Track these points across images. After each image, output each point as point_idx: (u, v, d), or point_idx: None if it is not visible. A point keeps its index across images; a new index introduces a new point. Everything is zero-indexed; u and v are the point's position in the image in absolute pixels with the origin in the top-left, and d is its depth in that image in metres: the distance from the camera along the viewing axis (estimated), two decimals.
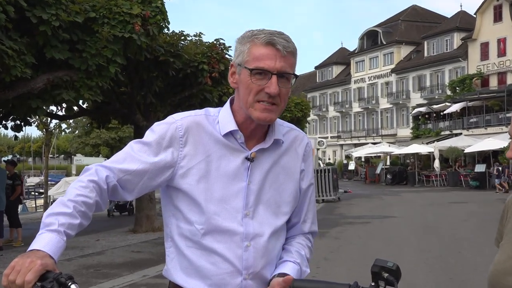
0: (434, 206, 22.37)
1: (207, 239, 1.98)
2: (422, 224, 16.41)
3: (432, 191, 32.69)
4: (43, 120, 25.89)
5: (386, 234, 14.31)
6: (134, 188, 2.01)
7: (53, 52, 11.43)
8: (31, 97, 11.98)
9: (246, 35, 1.98)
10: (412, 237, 13.67)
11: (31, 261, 1.63)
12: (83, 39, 11.94)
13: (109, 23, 11.94)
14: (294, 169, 2.13)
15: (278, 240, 2.09)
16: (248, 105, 1.95)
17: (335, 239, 13.42)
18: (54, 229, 1.75)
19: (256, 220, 2.02)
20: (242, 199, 2.00)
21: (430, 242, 12.64)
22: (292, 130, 2.15)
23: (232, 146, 2.02)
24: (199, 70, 14.89)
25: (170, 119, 2.05)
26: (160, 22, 12.64)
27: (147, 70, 14.61)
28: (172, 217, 2.06)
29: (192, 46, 15.25)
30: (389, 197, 28.68)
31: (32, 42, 11.24)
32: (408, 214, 19.73)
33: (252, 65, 1.93)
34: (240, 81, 1.97)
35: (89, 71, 11.98)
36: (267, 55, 1.93)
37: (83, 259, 11.68)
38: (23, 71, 10.66)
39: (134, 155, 1.99)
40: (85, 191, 1.88)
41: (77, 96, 12.35)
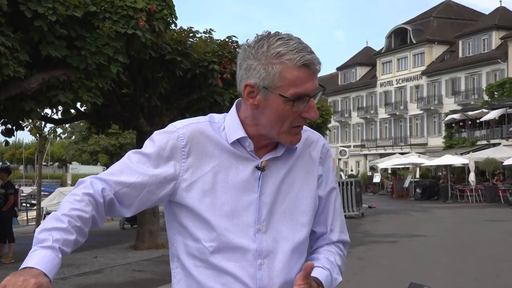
0: (469, 224, 22.21)
1: (217, 257, 1.96)
2: (456, 244, 16.31)
3: (467, 208, 32.45)
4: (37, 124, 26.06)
5: (415, 255, 14.23)
6: (132, 202, 2.00)
7: (49, 49, 11.49)
8: (24, 99, 12.04)
9: (270, 54, 1.89)
10: (444, 258, 13.57)
11: (24, 280, 1.62)
12: (82, 35, 11.99)
13: (111, 18, 11.99)
14: (310, 175, 2.11)
15: (297, 257, 2.06)
16: (282, 131, 1.94)
17: (359, 260, 13.35)
18: (48, 246, 1.74)
19: (270, 235, 2.00)
20: (253, 212, 1.99)
21: (465, 264, 12.55)
22: (305, 132, 2.11)
23: (241, 154, 2.01)
24: (209, 70, 14.91)
25: (171, 127, 2.03)
26: (166, 17, 12.68)
27: (152, 70, 14.66)
28: (178, 235, 2.05)
29: (201, 44, 15.29)
30: (419, 214, 28.50)
31: (26, 38, 11.31)
32: (440, 232, 19.59)
33: (288, 92, 1.88)
34: (267, 106, 1.92)
35: (89, 71, 12.03)
36: (304, 78, 1.89)
37: (79, 278, 11.71)
38: (16, 70, 10.72)
39: (132, 167, 1.99)
40: (80, 205, 1.86)
41: (75, 98, 12.41)
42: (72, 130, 61.22)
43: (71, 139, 68.34)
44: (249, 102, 1.95)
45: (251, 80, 1.92)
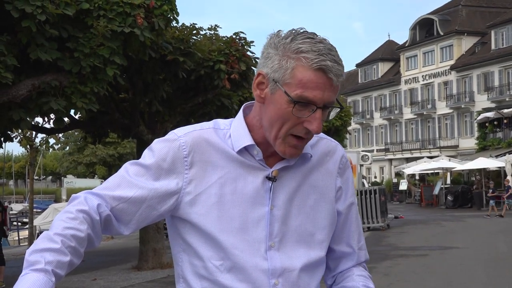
0: (507, 234, 22.12)
1: (227, 277, 1.96)
2: (493, 256, 16.24)
3: (505, 216, 32.30)
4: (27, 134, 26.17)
5: (448, 269, 14.18)
6: (131, 219, 1.99)
7: (38, 52, 11.53)
8: (13, 107, 12.08)
9: (291, 47, 1.88)
10: (480, 272, 13.52)
11: None
12: (74, 35, 12.03)
13: (106, 16, 12.01)
14: (328, 187, 2.10)
15: (313, 275, 2.06)
16: (277, 136, 1.91)
17: (385, 276, 13.33)
18: (41, 268, 1.72)
19: (284, 252, 1.99)
20: (264, 227, 1.98)
21: (503, 278, 12.51)
22: (322, 140, 2.12)
23: (249, 163, 2.00)
24: (215, 71, 14.94)
25: (172, 135, 2.02)
26: (167, 14, 12.72)
27: (152, 72, 14.70)
28: (183, 253, 2.05)
29: (206, 42, 15.33)
30: (451, 223, 28.41)
31: (14, 41, 11.37)
32: (475, 244, 19.52)
33: (294, 92, 1.85)
34: (272, 101, 1.91)
35: (83, 75, 12.07)
36: (316, 83, 1.85)
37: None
38: (2, 76, 10.78)
39: (130, 180, 1.98)
40: (74, 223, 1.85)
41: (68, 105, 12.44)
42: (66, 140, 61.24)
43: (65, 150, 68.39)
44: (256, 93, 1.95)
45: (264, 69, 1.92)
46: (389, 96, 72.18)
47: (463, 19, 63.08)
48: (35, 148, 29.54)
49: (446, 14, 65.45)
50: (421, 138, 67.03)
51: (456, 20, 63.34)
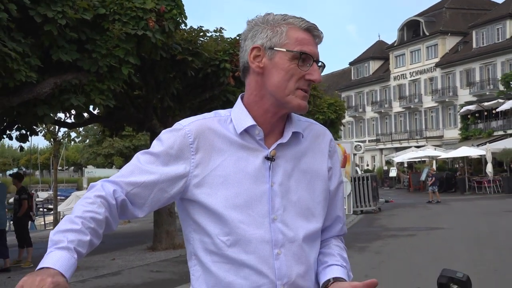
0: (488, 216, 22.08)
1: (234, 251, 1.97)
2: (475, 236, 16.23)
3: (485, 199, 32.29)
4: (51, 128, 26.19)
5: (434, 248, 14.19)
6: (145, 202, 2.01)
7: (60, 53, 11.55)
8: (37, 104, 12.11)
9: (277, 18, 2.01)
10: (463, 250, 13.52)
11: (41, 279, 1.63)
12: (92, 38, 12.03)
13: (121, 20, 12.01)
14: (321, 167, 2.13)
15: (312, 246, 2.08)
16: (288, 92, 1.97)
17: (376, 254, 13.34)
18: (64, 247, 1.75)
19: (285, 224, 2.01)
20: (266, 202, 2.00)
21: (484, 256, 12.50)
22: (312, 125, 2.16)
23: (249, 146, 2.03)
24: (221, 69, 14.93)
25: (178, 125, 2.06)
26: (176, 17, 12.69)
27: (164, 71, 14.69)
28: (193, 232, 2.06)
29: (212, 43, 15.29)
30: (436, 206, 28.46)
31: (37, 43, 11.37)
32: (458, 225, 19.52)
33: (295, 48, 1.96)
34: (273, 66, 1.98)
35: (100, 74, 12.08)
36: (308, 40, 1.99)
37: (98, 280, 11.78)
38: (27, 75, 10.78)
39: (142, 167, 2.00)
40: (93, 207, 1.88)
41: (87, 101, 12.45)
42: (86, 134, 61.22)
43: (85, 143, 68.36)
44: (254, 65, 2.01)
45: (257, 42, 2.00)
46: (380, 92, 72.11)
47: (446, 21, 62.94)
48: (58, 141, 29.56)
49: (431, 16, 65.30)
50: (409, 129, 67.00)
51: (440, 22, 63.22)
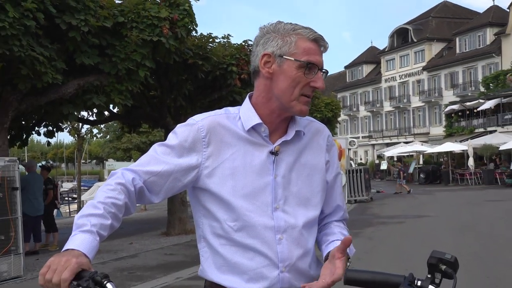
0: (470, 205, 22.05)
1: (240, 235, 1.99)
2: (458, 223, 16.20)
3: (467, 190, 32.24)
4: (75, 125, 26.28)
5: (420, 234, 14.16)
6: (160, 190, 2.02)
7: (83, 57, 11.57)
8: (63, 103, 12.14)
9: (287, 28, 2.00)
10: (447, 236, 13.50)
11: (67, 260, 1.64)
12: (112, 43, 12.04)
13: (138, 27, 12.03)
14: (319, 161, 2.14)
15: (310, 232, 2.10)
16: (293, 97, 1.98)
17: (369, 239, 13.32)
18: (87, 230, 1.76)
19: (287, 212, 2.03)
20: (270, 193, 2.02)
21: (466, 241, 12.49)
22: (312, 123, 2.17)
23: (256, 141, 2.04)
24: (228, 72, 14.92)
25: (191, 120, 2.06)
26: (188, 25, 12.68)
27: (177, 73, 14.68)
28: (203, 218, 2.07)
29: (220, 48, 15.28)
30: (423, 196, 28.38)
31: (62, 48, 11.39)
32: (443, 213, 19.48)
33: (302, 58, 1.95)
34: (281, 73, 1.98)
35: (119, 76, 12.09)
36: (314, 50, 1.98)
37: (117, 262, 11.80)
38: (54, 77, 10.81)
39: (158, 158, 2.01)
40: (114, 193, 1.89)
41: (108, 101, 12.47)
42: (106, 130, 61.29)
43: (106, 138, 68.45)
44: (264, 71, 2.01)
45: (268, 50, 1.99)
46: (372, 92, 72.01)
47: (432, 28, 62.78)
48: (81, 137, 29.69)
49: (419, 24, 65.13)
50: (398, 126, 66.90)
51: (427, 29, 63.06)
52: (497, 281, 8.52)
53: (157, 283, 9.56)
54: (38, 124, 15.98)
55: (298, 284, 2.02)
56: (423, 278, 1.66)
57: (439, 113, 59.56)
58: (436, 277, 1.66)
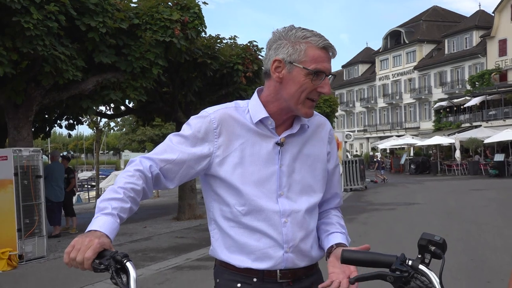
0: (456, 193, 22.01)
1: (248, 218, 2.00)
2: (445, 210, 16.18)
3: (454, 180, 32.19)
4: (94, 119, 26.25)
5: (411, 219, 14.16)
6: (175, 176, 2.03)
7: (101, 56, 11.58)
8: (82, 98, 12.17)
9: (298, 35, 1.96)
10: (435, 221, 13.50)
11: (90, 240, 1.67)
12: (128, 43, 12.05)
13: (151, 29, 12.03)
14: (321, 152, 2.15)
15: (312, 216, 2.11)
16: (300, 102, 1.97)
17: (363, 224, 13.33)
18: (108, 212, 1.79)
19: (290, 198, 2.04)
20: (275, 181, 2.03)
21: (452, 226, 12.48)
22: (315, 116, 2.15)
23: (263, 133, 2.04)
24: (234, 70, 14.92)
25: (204, 113, 2.06)
26: (197, 27, 12.67)
27: (187, 71, 14.68)
28: (214, 202, 2.09)
29: (227, 48, 15.26)
30: (413, 186, 28.35)
31: (82, 48, 11.41)
32: (431, 200, 19.46)
33: (310, 66, 1.93)
34: (290, 78, 1.96)
35: (134, 73, 12.10)
36: (323, 58, 1.95)
37: (132, 244, 11.84)
38: (74, 74, 10.83)
39: (174, 147, 2.02)
40: (133, 179, 1.91)
41: (124, 96, 12.48)
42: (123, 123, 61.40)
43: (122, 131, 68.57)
44: (275, 75, 1.99)
45: (279, 56, 1.97)
46: (367, 90, 71.81)
47: (423, 31, 62.50)
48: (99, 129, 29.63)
49: (411, 27, 64.85)
50: (391, 121, 66.73)
51: (418, 32, 62.79)
52: (480, 263, 8.52)
53: (168, 263, 9.59)
54: (60, 117, 16.02)
55: (300, 263, 2.05)
56: (413, 258, 1.67)
57: (428, 109, 59.36)
58: (425, 257, 1.66)
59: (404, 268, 1.63)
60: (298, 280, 2.06)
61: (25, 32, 9.64)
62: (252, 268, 2.01)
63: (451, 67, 55.69)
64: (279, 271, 2.02)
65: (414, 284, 1.61)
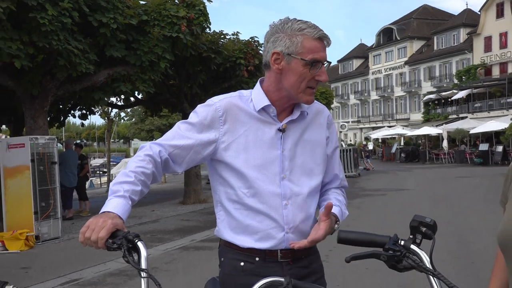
0: (443, 180, 22.03)
1: (252, 201, 1.99)
2: (432, 196, 16.20)
3: (441, 167, 32.21)
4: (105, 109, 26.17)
5: (401, 204, 14.16)
6: (183, 161, 2.02)
7: (112, 50, 11.54)
8: (95, 90, 12.15)
9: (294, 28, 1.94)
10: (423, 206, 13.50)
11: (104, 221, 1.67)
12: (137, 39, 12.02)
13: (159, 25, 12.00)
14: (320, 137, 2.13)
15: (313, 198, 2.10)
16: (300, 90, 1.96)
17: (356, 209, 13.33)
18: (121, 195, 1.79)
19: (292, 182, 2.03)
20: (278, 164, 2.02)
21: (440, 211, 12.49)
22: (314, 104, 2.14)
23: (266, 120, 2.03)
24: (237, 64, 14.89)
25: (210, 101, 2.05)
26: (202, 23, 12.63)
27: (192, 65, 14.64)
28: (220, 185, 2.07)
29: (230, 44, 15.21)
30: (403, 173, 28.35)
31: (94, 42, 11.36)
32: (420, 187, 19.47)
33: (307, 56, 1.91)
34: (289, 69, 1.95)
35: (143, 66, 12.07)
36: (319, 47, 1.93)
37: (141, 226, 11.85)
38: (87, 67, 10.80)
39: (182, 133, 2.01)
40: (143, 164, 1.90)
41: (133, 88, 12.46)
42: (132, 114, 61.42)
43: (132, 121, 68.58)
44: (275, 67, 1.98)
45: (277, 48, 1.95)
46: (361, 83, 71.72)
47: (414, 28, 62.34)
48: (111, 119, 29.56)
49: (402, 24, 64.67)
50: (383, 113, 66.73)
51: (409, 29, 62.62)
52: (465, 244, 8.54)
53: (174, 244, 9.60)
54: (73, 108, 16.01)
55: None
56: (405, 239, 1.67)
57: (418, 102, 59.32)
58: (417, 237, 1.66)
59: (397, 248, 1.63)
60: (298, 259, 2.06)
61: (41, 27, 9.61)
62: (254, 248, 2.01)
63: (440, 62, 55.58)
64: (280, 251, 2.02)
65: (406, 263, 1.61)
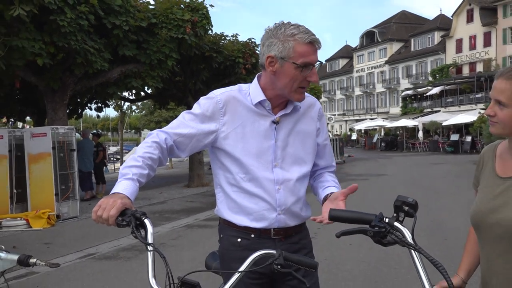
0: (418, 166, 22.08)
1: (248, 185, 1.99)
2: (409, 180, 16.25)
3: (417, 155, 32.25)
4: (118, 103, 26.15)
5: (381, 188, 14.20)
6: (186, 148, 2.02)
7: (124, 50, 11.50)
8: (109, 85, 12.13)
9: (286, 33, 1.90)
10: (401, 189, 13.52)
11: (114, 201, 1.67)
12: (147, 39, 11.97)
13: (166, 27, 11.95)
14: (311, 129, 2.12)
15: (302, 184, 2.09)
16: (292, 90, 1.94)
17: None
18: (130, 178, 1.78)
19: (284, 168, 2.02)
20: (271, 153, 2.01)
21: (415, 193, 12.51)
22: (307, 98, 2.12)
23: (261, 113, 2.02)
24: (236, 63, 14.85)
25: (212, 94, 2.04)
26: (205, 26, 12.60)
27: (196, 63, 14.59)
28: (220, 170, 2.07)
29: (230, 44, 15.16)
30: (383, 160, 28.39)
31: (108, 42, 11.32)
32: (398, 172, 19.52)
33: (299, 60, 1.88)
34: (282, 72, 1.93)
35: (152, 64, 12.04)
36: (309, 51, 1.90)
37: (150, 207, 11.86)
38: (102, 65, 10.77)
39: (185, 123, 2.01)
40: (150, 149, 1.90)
41: (143, 84, 12.44)
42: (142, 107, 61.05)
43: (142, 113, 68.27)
44: (269, 70, 1.96)
45: (271, 53, 1.93)
46: (346, 80, 71.62)
47: (393, 31, 62.17)
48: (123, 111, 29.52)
49: (383, 28, 64.48)
50: (366, 106, 66.70)
51: (389, 32, 62.45)
52: (439, 223, 8.57)
53: (180, 222, 9.62)
54: (90, 101, 15.98)
55: (291, 223, 2.05)
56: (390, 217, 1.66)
57: (397, 97, 59.28)
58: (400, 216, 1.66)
59: (382, 225, 1.63)
60: (289, 236, 2.06)
61: (60, 29, 9.58)
62: (250, 227, 2.01)
63: (416, 62, 55.54)
64: (273, 229, 2.02)
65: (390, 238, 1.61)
